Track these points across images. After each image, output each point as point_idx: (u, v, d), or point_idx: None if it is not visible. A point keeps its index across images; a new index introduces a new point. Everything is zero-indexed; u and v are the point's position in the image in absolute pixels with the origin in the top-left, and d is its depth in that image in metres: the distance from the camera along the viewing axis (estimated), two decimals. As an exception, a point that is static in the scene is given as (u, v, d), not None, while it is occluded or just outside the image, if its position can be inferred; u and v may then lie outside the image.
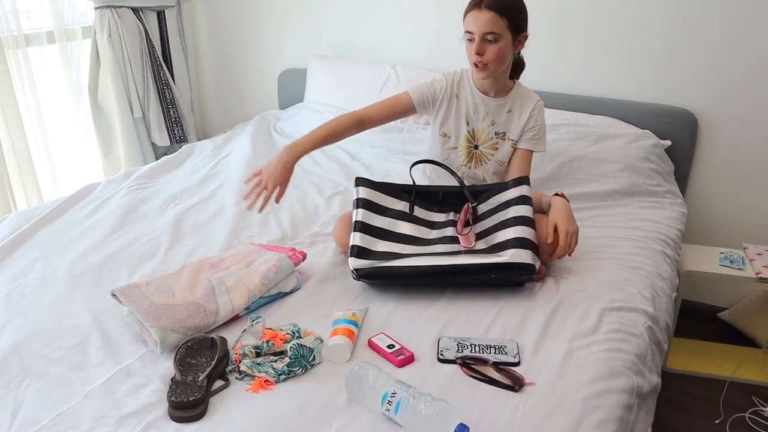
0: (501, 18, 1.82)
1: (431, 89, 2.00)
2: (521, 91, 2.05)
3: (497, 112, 2.02)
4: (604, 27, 2.59)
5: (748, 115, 2.46)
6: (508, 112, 2.02)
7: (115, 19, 2.97)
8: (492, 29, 1.82)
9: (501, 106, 2.02)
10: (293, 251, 1.79)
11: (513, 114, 2.03)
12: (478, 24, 1.83)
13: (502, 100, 2.01)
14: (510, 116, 2.03)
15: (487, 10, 1.82)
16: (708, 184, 2.61)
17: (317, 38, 3.25)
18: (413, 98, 1.99)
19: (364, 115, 1.97)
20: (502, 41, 1.85)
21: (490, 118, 2.02)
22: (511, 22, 1.84)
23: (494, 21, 1.82)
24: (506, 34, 1.85)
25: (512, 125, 2.03)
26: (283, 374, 1.37)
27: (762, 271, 2.25)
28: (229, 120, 3.68)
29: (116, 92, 3.03)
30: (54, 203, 2.25)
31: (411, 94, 2.00)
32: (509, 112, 2.02)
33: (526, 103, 2.03)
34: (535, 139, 2.03)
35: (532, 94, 2.06)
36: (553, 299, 1.67)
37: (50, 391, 1.34)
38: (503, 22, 1.83)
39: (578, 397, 1.30)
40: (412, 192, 1.92)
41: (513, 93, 2.03)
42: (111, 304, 1.63)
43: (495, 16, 1.82)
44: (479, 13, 1.83)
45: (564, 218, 1.80)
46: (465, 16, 1.88)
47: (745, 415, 2.18)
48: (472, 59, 1.89)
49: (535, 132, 2.03)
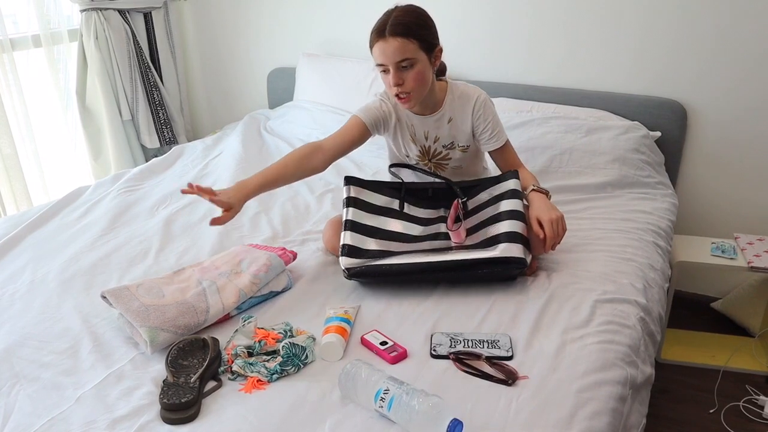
0: (410, 41, 1.70)
1: (380, 111, 1.90)
2: (456, 94, 1.90)
3: (437, 127, 1.91)
4: (588, 17, 2.59)
5: (736, 104, 2.46)
6: (449, 122, 1.91)
7: (102, 21, 2.95)
8: (404, 56, 1.71)
9: (439, 120, 1.90)
10: (283, 250, 1.78)
11: (455, 122, 1.91)
12: (388, 54, 1.71)
13: (438, 114, 1.90)
14: (452, 125, 1.91)
15: (392, 37, 1.70)
16: (698, 175, 2.62)
17: (306, 37, 3.24)
18: (365, 122, 1.87)
19: (318, 144, 1.84)
20: (419, 64, 1.74)
21: (432, 134, 1.92)
22: (421, 41, 1.73)
23: (404, 47, 1.70)
24: (420, 56, 1.73)
25: (457, 134, 1.92)
26: (276, 373, 1.37)
27: (753, 260, 2.26)
28: (219, 120, 3.67)
29: (104, 95, 3.01)
30: (43, 207, 2.24)
31: (362, 118, 1.88)
32: (450, 122, 1.91)
33: (465, 106, 1.89)
34: (495, 136, 1.91)
35: (470, 93, 1.90)
36: (545, 292, 1.67)
37: (41, 396, 1.33)
38: (413, 45, 1.71)
39: (571, 390, 1.30)
40: (402, 189, 1.91)
41: (448, 101, 1.90)
42: (101, 307, 1.62)
43: (403, 41, 1.70)
44: (386, 44, 1.71)
45: (544, 210, 1.76)
46: (371, 48, 1.76)
47: (739, 404, 2.18)
48: (392, 91, 1.78)
49: (489, 130, 1.90)
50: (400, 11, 1.74)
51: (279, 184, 1.78)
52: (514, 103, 2.66)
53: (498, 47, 2.79)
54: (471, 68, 2.86)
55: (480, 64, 2.83)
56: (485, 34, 2.79)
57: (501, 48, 2.79)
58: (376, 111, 1.90)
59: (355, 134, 1.88)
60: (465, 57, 2.85)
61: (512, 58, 2.79)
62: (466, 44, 2.83)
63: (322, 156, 1.83)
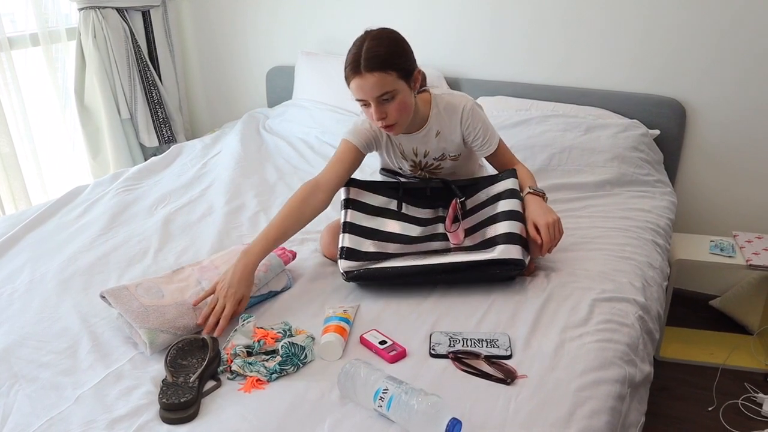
0: (387, 74, 1.64)
1: (370, 132, 1.85)
2: (441, 106, 1.85)
3: (425, 142, 1.88)
4: (588, 16, 2.59)
5: (735, 102, 2.46)
6: (437, 136, 1.87)
7: (100, 19, 2.95)
8: (383, 90, 1.64)
9: (426, 135, 1.86)
10: (283, 250, 1.78)
11: (443, 134, 1.87)
12: (366, 90, 1.65)
13: (424, 130, 1.85)
14: (441, 138, 1.87)
15: (369, 73, 1.62)
16: (697, 173, 2.62)
17: (305, 35, 3.24)
18: (357, 145, 1.83)
19: (314, 183, 1.78)
20: (399, 95, 1.67)
21: (421, 150, 1.89)
22: (399, 71, 1.66)
23: (382, 81, 1.63)
24: (400, 85, 1.67)
25: (447, 145, 1.89)
26: (275, 373, 1.37)
27: (752, 258, 2.26)
28: (218, 119, 3.67)
29: (103, 94, 3.01)
30: (41, 207, 2.23)
31: (353, 142, 1.83)
32: (438, 135, 1.86)
33: (452, 117, 1.85)
34: (487, 142, 1.88)
35: (455, 103, 1.85)
36: (544, 291, 1.67)
37: (40, 396, 1.33)
38: (391, 77, 1.64)
39: (570, 389, 1.30)
40: (400, 189, 1.91)
41: (433, 114, 1.84)
42: (100, 307, 1.62)
43: (380, 75, 1.63)
44: (363, 80, 1.64)
45: (540, 213, 1.75)
46: (348, 83, 1.69)
47: (738, 402, 2.19)
48: (376, 124, 1.74)
49: (480, 138, 1.87)
50: (372, 41, 1.66)
51: (282, 241, 1.71)
52: (513, 102, 2.66)
53: (497, 46, 2.79)
54: (470, 67, 2.86)
55: (479, 63, 2.83)
56: (484, 32, 2.79)
57: (500, 46, 2.79)
58: (366, 132, 1.85)
59: (350, 160, 1.83)
60: (464, 56, 2.85)
61: (511, 57, 2.78)
62: (465, 43, 2.83)
63: (322, 195, 1.77)
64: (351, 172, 1.85)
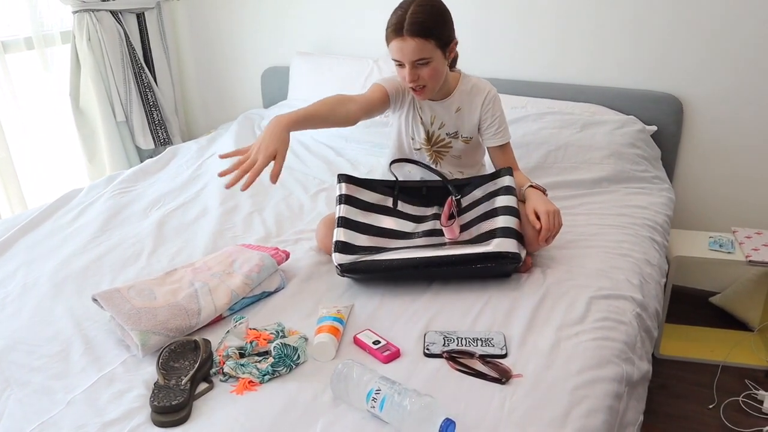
0: (428, 41, 1.70)
1: (400, 85, 1.89)
2: (468, 85, 1.92)
3: (445, 114, 1.92)
4: (582, 11, 2.57)
5: (733, 98, 2.45)
6: (456, 112, 1.92)
7: (94, 22, 2.93)
8: (421, 56, 1.71)
9: (448, 107, 1.92)
10: (276, 250, 1.77)
11: (462, 112, 1.92)
12: (405, 53, 1.72)
13: (447, 101, 1.91)
14: (459, 115, 1.92)
15: (410, 38, 1.69)
16: (695, 169, 2.61)
17: (299, 35, 3.23)
18: (387, 90, 1.88)
19: (349, 96, 1.81)
20: (434, 62, 1.74)
21: (438, 120, 1.93)
22: (438, 39, 1.72)
23: (421, 47, 1.70)
24: (436, 53, 1.74)
25: (463, 124, 1.94)
26: (268, 374, 1.35)
27: (751, 254, 2.24)
28: (214, 120, 3.66)
29: (98, 96, 3.00)
30: (36, 211, 2.22)
31: (385, 86, 1.88)
32: (458, 111, 1.92)
33: (476, 98, 1.91)
34: (500, 132, 1.93)
35: (481, 86, 1.93)
36: (540, 289, 1.66)
37: (32, 401, 1.32)
38: (430, 44, 1.71)
39: (566, 388, 1.29)
40: (396, 187, 1.90)
41: (459, 90, 1.91)
42: (93, 310, 1.61)
43: (420, 41, 1.69)
44: (403, 42, 1.70)
45: (541, 203, 1.78)
46: (387, 42, 1.75)
47: (739, 399, 2.17)
48: (406, 84, 1.80)
49: (496, 126, 1.92)
50: (418, 6, 1.70)
51: (315, 122, 1.71)
52: (509, 99, 2.64)
53: (491, 42, 2.78)
54: (464, 64, 2.81)
55: (473, 60, 2.81)
56: (478, 29, 2.78)
57: (495, 43, 2.77)
58: (397, 84, 1.89)
59: (378, 98, 1.86)
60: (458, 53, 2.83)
61: (506, 53, 2.77)
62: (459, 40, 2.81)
63: (354, 107, 1.78)
64: (375, 111, 1.87)
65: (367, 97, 1.85)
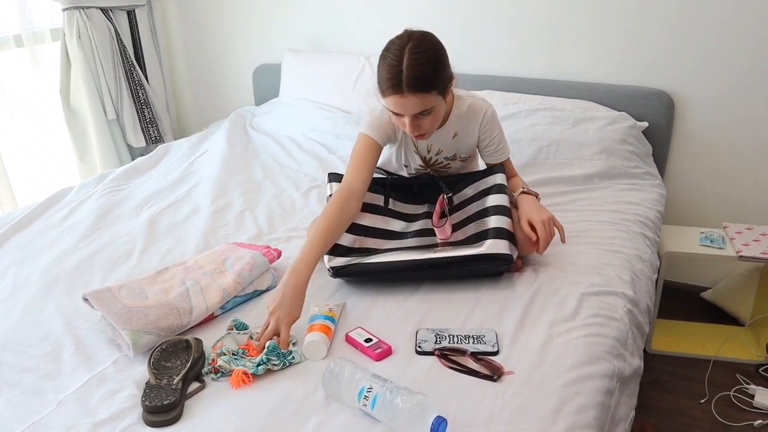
0: (429, 94, 1.59)
1: (389, 125, 1.79)
2: (463, 108, 1.83)
3: (442, 140, 1.85)
4: (575, 8, 2.57)
5: (723, 94, 2.45)
6: (454, 137, 1.85)
7: (84, 20, 2.92)
8: (423, 109, 1.61)
9: (444, 134, 1.84)
10: (268, 249, 1.77)
11: (460, 137, 1.86)
12: (406, 108, 1.61)
13: (444, 129, 1.83)
14: (457, 140, 1.86)
15: (411, 95, 1.57)
16: (686, 165, 2.61)
17: (290, 32, 3.22)
18: (378, 141, 1.78)
19: (346, 189, 1.70)
20: (436, 109, 1.65)
21: (435, 148, 1.87)
22: (439, 88, 1.61)
23: (423, 102, 1.59)
24: (438, 101, 1.63)
25: (461, 147, 1.89)
26: (262, 364, 1.35)
27: (742, 250, 2.25)
28: (206, 118, 3.64)
29: (88, 94, 2.98)
30: (26, 209, 2.21)
31: (375, 138, 1.77)
32: (455, 137, 1.85)
33: (472, 122, 1.84)
34: (499, 150, 1.90)
35: (477, 108, 1.84)
36: (531, 286, 1.66)
37: (22, 402, 1.31)
38: (432, 95, 1.60)
39: (558, 384, 1.29)
40: (387, 185, 1.89)
41: (454, 114, 1.82)
42: (84, 309, 1.60)
43: (422, 96, 1.58)
44: (403, 99, 1.58)
45: (535, 212, 1.75)
46: (384, 95, 1.63)
47: (730, 394, 2.18)
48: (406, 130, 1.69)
49: (495, 145, 1.88)
50: (414, 54, 1.57)
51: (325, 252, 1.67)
52: (501, 96, 2.65)
53: (484, 39, 2.78)
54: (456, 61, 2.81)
55: (465, 56, 2.81)
56: (471, 25, 2.77)
57: (487, 39, 2.77)
58: (385, 126, 1.79)
59: (373, 158, 1.78)
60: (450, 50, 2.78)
61: (498, 50, 2.77)
62: (450, 36, 2.78)
63: (355, 203, 1.71)
64: (374, 169, 1.81)
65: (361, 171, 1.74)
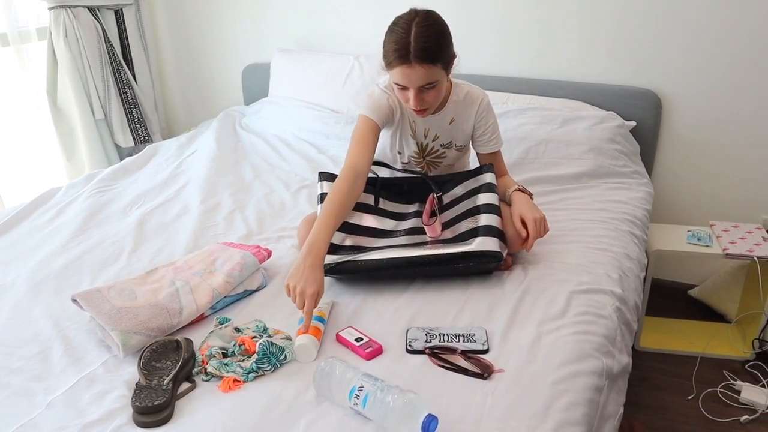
0: (435, 66, 1.64)
1: (387, 107, 1.82)
2: (460, 94, 1.87)
3: (439, 126, 1.89)
4: (563, 8, 2.59)
5: (710, 94, 2.47)
6: (450, 123, 1.89)
7: (71, 19, 2.90)
8: (429, 81, 1.65)
9: (442, 119, 1.88)
10: (258, 248, 1.77)
11: (456, 123, 1.89)
12: (412, 79, 1.65)
13: (441, 113, 1.87)
14: (453, 126, 1.90)
15: (418, 65, 1.62)
16: (673, 163, 2.63)
17: (279, 32, 3.21)
18: (377, 122, 1.80)
19: (351, 168, 1.72)
20: (439, 83, 1.69)
21: (433, 133, 1.90)
22: (444, 62, 1.67)
23: (429, 73, 1.64)
24: (442, 75, 1.68)
25: (457, 134, 1.92)
26: (252, 372, 1.35)
27: (729, 247, 2.27)
28: (195, 118, 3.63)
29: (76, 94, 2.96)
30: (13, 210, 2.20)
31: (374, 119, 1.80)
32: (452, 123, 1.89)
33: (469, 108, 1.88)
34: (493, 140, 1.93)
35: (474, 95, 1.89)
36: (521, 285, 1.67)
37: (10, 403, 1.30)
38: (438, 68, 1.65)
39: (547, 382, 1.30)
40: (377, 184, 1.90)
41: (452, 100, 1.87)
42: (73, 310, 1.59)
43: (429, 67, 1.63)
44: (410, 69, 1.63)
45: (527, 209, 1.77)
46: (390, 67, 1.67)
47: (717, 390, 2.21)
48: (408, 106, 1.74)
49: (489, 134, 1.91)
50: (421, 27, 1.62)
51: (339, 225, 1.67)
52: (490, 95, 2.62)
53: (472, 38, 2.78)
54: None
55: (455, 57, 2.82)
56: (458, 24, 2.77)
57: (475, 39, 2.78)
58: (385, 108, 1.82)
59: (374, 138, 1.80)
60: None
61: (486, 49, 2.78)
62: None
63: (362, 180, 1.73)
64: (375, 150, 1.81)
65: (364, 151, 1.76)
